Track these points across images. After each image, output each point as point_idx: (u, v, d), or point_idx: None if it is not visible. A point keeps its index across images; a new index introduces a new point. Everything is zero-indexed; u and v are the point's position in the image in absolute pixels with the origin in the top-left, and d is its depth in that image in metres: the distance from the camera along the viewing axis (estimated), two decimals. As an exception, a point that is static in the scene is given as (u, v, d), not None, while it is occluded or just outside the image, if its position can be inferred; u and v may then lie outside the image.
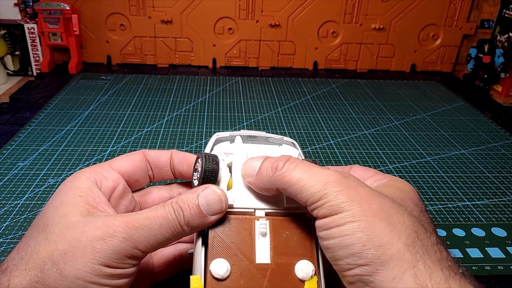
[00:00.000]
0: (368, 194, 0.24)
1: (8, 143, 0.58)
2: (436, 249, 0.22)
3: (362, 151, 0.60)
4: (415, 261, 0.21)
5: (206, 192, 0.26)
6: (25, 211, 0.44)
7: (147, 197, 0.33)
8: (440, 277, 0.21)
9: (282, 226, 0.27)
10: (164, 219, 0.25)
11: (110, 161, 0.31)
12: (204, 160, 0.28)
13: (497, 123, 0.72)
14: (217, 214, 0.26)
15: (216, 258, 0.25)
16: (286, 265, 0.26)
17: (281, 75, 0.91)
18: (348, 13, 0.91)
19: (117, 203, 0.30)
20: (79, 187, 0.27)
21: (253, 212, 0.27)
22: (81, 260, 0.23)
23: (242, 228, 0.27)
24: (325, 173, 0.24)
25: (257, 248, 0.26)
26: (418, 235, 0.22)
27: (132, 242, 0.24)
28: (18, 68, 0.86)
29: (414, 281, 0.20)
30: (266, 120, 0.69)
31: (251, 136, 0.33)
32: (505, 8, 0.85)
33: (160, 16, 0.88)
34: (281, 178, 0.25)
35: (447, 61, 0.97)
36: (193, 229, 0.26)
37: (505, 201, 0.50)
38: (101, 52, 0.92)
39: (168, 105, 0.73)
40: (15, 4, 0.84)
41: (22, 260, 0.23)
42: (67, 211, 0.25)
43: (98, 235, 0.23)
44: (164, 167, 0.32)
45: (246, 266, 0.25)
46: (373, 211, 0.23)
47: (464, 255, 0.41)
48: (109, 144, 0.59)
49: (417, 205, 0.26)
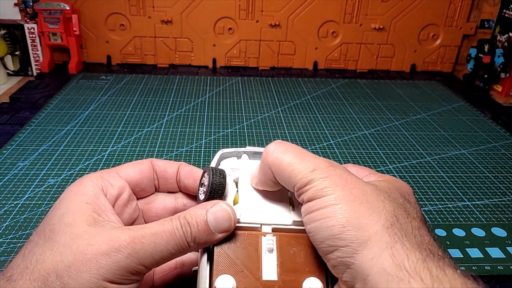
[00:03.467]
0: (352, 180, 0.24)
1: (8, 143, 0.58)
2: (417, 233, 0.23)
3: (362, 151, 0.60)
4: (393, 242, 0.22)
5: (215, 208, 0.26)
6: (25, 211, 0.44)
7: (151, 205, 0.32)
8: (417, 257, 0.21)
9: (289, 242, 0.26)
10: (171, 234, 0.24)
11: (118, 167, 0.30)
12: (212, 174, 0.27)
13: (497, 123, 0.72)
14: (225, 232, 0.26)
15: (221, 274, 0.25)
16: (293, 282, 0.25)
17: (281, 75, 0.91)
18: (348, 13, 0.91)
19: (121, 210, 0.29)
20: (86, 193, 0.27)
21: (260, 227, 0.27)
22: (85, 275, 0.23)
23: (248, 244, 0.26)
24: (315, 161, 0.25)
25: (263, 265, 0.25)
26: (398, 219, 0.23)
27: (137, 258, 0.23)
28: (18, 68, 0.86)
29: (391, 261, 0.21)
30: (266, 120, 0.69)
31: (257, 153, 0.32)
32: (505, 8, 0.85)
33: (160, 16, 0.89)
34: (273, 160, 0.26)
35: (447, 61, 0.97)
36: (199, 246, 0.25)
37: (505, 201, 0.50)
38: (101, 52, 0.92)
39: (168, 105, 0.73)
40: (15, 4, 0.84)
41: (27, 269, 0.23)
42: (73, 219, 0.25)
43: (103, 250, 0.23)
44: (170, 179, 0.32)
45: (253, 283, 0.25)
46: (354, 196, 0.23)
47: (464, 255, 0.41)
48: (109, 144, 0.59)
49: (404, 196, 0.26)
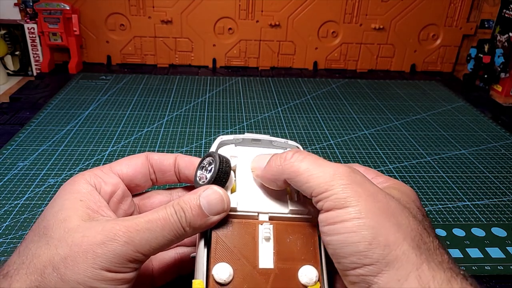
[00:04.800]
0: (375, 191, 0.24)
1: (8, 143, 0.58)
2: (438, 253, 0.22)
3: (362, 151, 0.60)
4: (419, 263, 0.21)
5: (207, 192, 0.26)
6: (25, 211, 0.44)
7: (147, 201, 0.32)
8: (442, 278, 0.21)
9: (286, 231, 0.27)
10: (165, 221, 0.25)
11: (111, 164, 0.30)
12: (219, 162, 0.27)
13: (497, 123, 0.72)
14: (219, 214, 0.26)
15: (218, 262, 0.25)
16: (289, 270, 0.25)
17: (281, 75, 0.91)
18: (348, 13, 0.91)
19: (116, 207, 0.29)
20: (79, 191, 0.27)
21: (257, 216, 0.27)
22: (82, 265, 0.23)
23: (245, 232, 0.26)
24: (334, 166, 0.24)
25: (260, 253, 0.26)
26: (422, 237, 0.22)
27: (133, 246, 0.24)
28: (18, 68, 0.86)
29: (417, 282, 0.20)
30: (266, 120, 0.69)
31: (255, 140, 0.32)
32: (505, 8, 0.85)
33: (160, 16, 0.89)
34: (289, 167, 0.25)
35: (447, 61, 0.97)
36: (195, 230, 0.26)
37: (505, 201, 0.50)
38: (101, 52, 0.92)
39: (168, 105, 0.73)
40: (15, 4, 0.84)
41: (23, 264, 0.23)
42: (68, 215, 0.25)
43: (98, 240, 0.23)
44: (168, 171, 0.32)
45: (249, 271, 0.25)
46: (380, 209, 0.22)
47: (464, 255, 0.41)
48: (109, 144, 0.59)
49: (420, 209, 0.26)
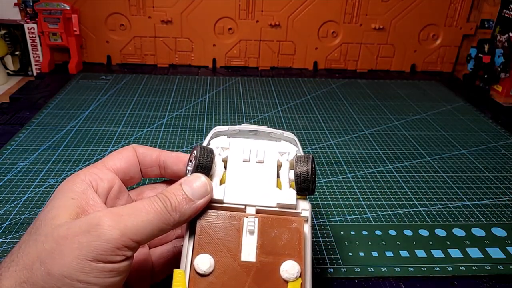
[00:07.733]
0: None
1: (8, 143, 0.58)
2: None
3: (362, 151, 0.60)
4: None
5: (188, 178, 0.27)
6: (25, 211, 0.44)
7: (144, 195, 0.33)
8: None
9: (271, 224, 0.27)
10: (150, 206, 0.25)
11: (103, 160, 0.30)
12: (199, 152, 0.28)
13: (497, 123, 0.72)
14: (203, 197, 0.26)
15: (201, 253, 0.25)
16: (271, 264, 0.25)
17: (281, 75, 0.91)
18: (348, 13, 0.91)
19: (114, 203, 0.29)
20: (73, 190, 0.27)
21: (244, 208, 0.27)
22: (68, 257, 0.22)
23: (230, 225, 0.26)
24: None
25: (243, 246, 0.26)
26: None
27: (119, 229, 0.23)
28: (18, 68, 0.86)
29: None
30: (266, 120, 0.69)
31: (252, 131, 0.32)
32: (505, 8, 0.85)
33: (160, 16, 0.88)
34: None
35: (447, 61, 0.97)
36: (183, 215, 0.26)
37: (505, 201, 0.50)
38: (101, 52, 0.92)
39: (168, 105, 0.73)
40: (15, 4, 0.84)
41: (13, 262, 0.23)
42: (57, 214, 0.25)
43: (83, 229, 0.23)
44: (150, 166, 0.32)
45: (230, 263, 0.25)
46: None
47: (464, 255, 0.41)
48: (109, 144, 0.59)
49: None
